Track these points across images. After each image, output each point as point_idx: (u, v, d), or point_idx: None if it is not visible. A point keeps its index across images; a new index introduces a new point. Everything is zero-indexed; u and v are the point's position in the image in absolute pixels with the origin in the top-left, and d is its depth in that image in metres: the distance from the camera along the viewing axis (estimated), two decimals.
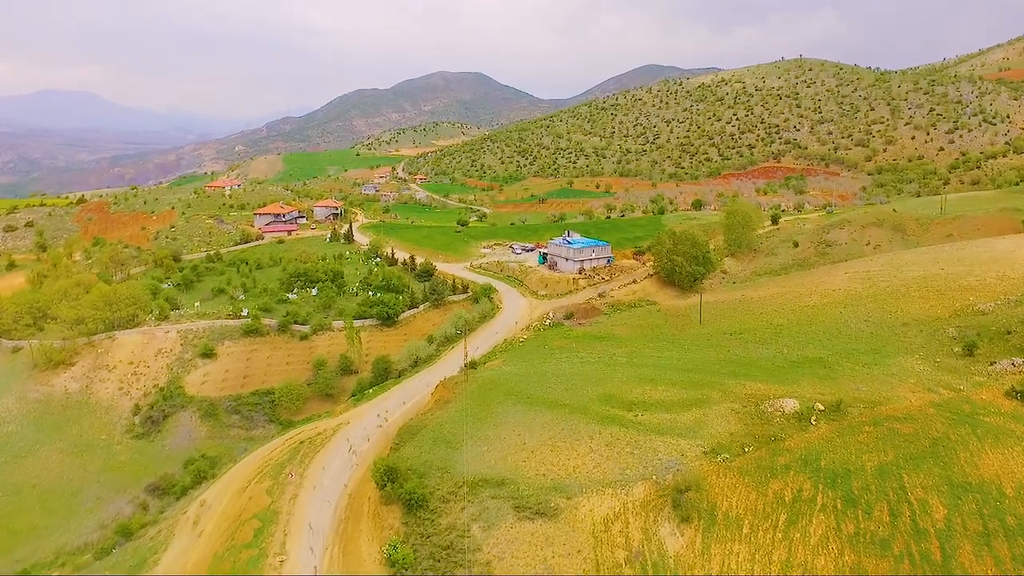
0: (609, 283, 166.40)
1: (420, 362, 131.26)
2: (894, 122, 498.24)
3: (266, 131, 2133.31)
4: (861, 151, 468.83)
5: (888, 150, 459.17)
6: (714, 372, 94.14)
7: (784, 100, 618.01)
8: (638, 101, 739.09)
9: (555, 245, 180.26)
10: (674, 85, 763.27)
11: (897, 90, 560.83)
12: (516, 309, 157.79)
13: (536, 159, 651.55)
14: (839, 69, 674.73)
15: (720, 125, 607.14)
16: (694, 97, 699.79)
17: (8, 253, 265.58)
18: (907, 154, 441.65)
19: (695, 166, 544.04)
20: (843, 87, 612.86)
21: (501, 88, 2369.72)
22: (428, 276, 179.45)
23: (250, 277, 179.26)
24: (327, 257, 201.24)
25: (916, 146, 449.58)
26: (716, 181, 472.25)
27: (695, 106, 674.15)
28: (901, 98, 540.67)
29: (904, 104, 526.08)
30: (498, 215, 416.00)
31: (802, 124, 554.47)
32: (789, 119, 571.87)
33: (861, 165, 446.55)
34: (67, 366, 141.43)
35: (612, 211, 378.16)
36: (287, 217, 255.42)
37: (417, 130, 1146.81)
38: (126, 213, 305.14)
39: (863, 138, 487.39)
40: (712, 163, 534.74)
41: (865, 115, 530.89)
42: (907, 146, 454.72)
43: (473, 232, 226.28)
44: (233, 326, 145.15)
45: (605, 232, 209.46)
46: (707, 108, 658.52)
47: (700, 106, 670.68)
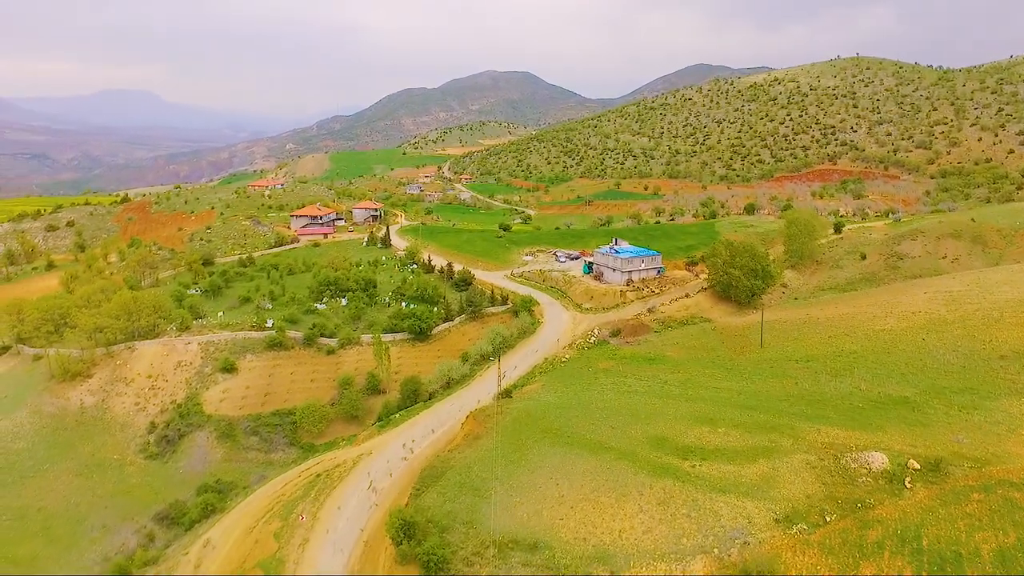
0: (659, 296, 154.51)
1: (452, 383, 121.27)
2: (959, 123, 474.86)
3: (316, 129, 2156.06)
4: (923, 153, 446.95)
5: (952, 152, 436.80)
6: (782, 411, 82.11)
7: (840, 100, 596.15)
8: (688, 101, 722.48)
9: (601, 254, 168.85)
10: (725, 84, 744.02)
11: (962, 89, 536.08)
12: (558, 324, 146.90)
13: (583, 159, 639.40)
14: (898, 68, 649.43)
15: (773, 126, 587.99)
16: (745, 97, 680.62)
17: (47, 253, 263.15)
18: (973, 157, 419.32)
19: (747, 168, 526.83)
20: (903, 86, 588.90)
21: (548, 87, 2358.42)
22: (466, 285, 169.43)
23: (280, 284, 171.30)
24: (362, 263, 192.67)
25: (983, 148, 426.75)
26: (769, 184, 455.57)
27: (747, 106, 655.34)
28: (966, 97, 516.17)
29: (970, 104, 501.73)
30: (543, 217, 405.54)
31: (859, 125, 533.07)
32: (846, 120, 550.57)
33: (923, 168, 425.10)
34: (84, 378, 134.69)
35: (661, 215, 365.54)
36: (324, 219, 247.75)
37: (464, 129, 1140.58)
38: (166, 213, 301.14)
39: (925, 140, 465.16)
40: (764, 165, 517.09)
41: (927, 115, 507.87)
42: (973, 148, 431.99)
43: (515, 238, 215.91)
44: (256, 338, 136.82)
45: (655, 239, 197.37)
46: (759, 108, 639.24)
47: (752, 106, 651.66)
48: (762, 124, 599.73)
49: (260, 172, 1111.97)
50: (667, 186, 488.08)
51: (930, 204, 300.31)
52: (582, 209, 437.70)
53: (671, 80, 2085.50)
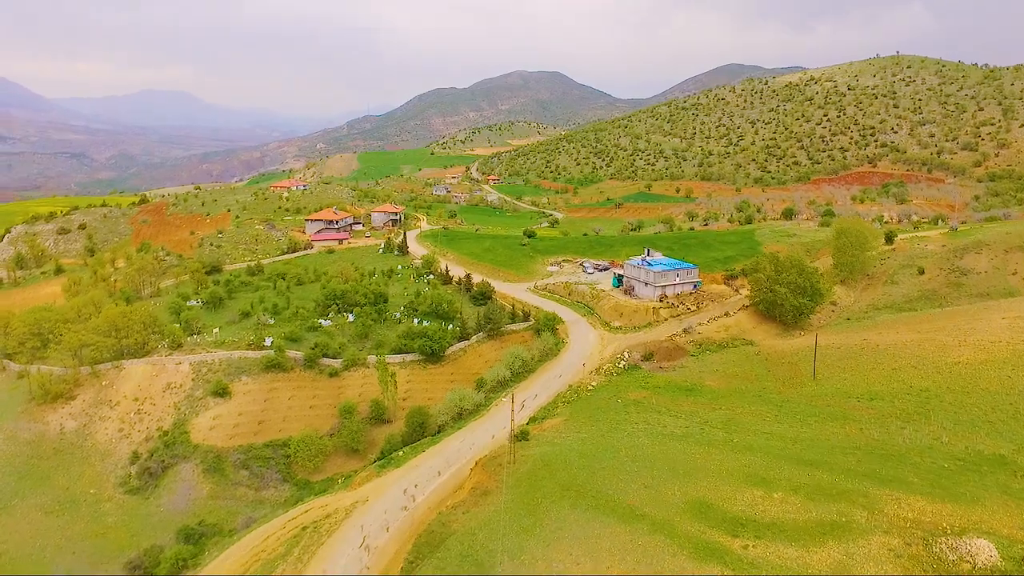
0: (696, 314, 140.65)
1: (465, 414, 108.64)
2: (1007, 123, 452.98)
3: (347, 129, 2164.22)
4: (969, 155, 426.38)
5: (1001, 154, 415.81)
6: (849, 469, 68.33)
7: (880, 100, 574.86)
8: (720, 101, 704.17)
9: (632, 266, 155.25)
10: (759, 84, 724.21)
11: (1010, 88, 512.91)
12: (585, 345, 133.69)
13: (613, 161, 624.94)
14: (941, 66, 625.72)
15: (809, 127, 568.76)
16: (780, 97, 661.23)
17: (56, 257, 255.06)
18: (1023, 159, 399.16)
19: (782, 170, 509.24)
20: (946, 85, 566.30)
21: (579, 87, 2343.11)
22: (485, 299, 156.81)
23: (285, 296, 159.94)
24: (375, 272, 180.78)
25: None
26: (806, 187, 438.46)
27: (782, 106, 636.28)
28: (1015, 96, 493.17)
29: (1019, 103, 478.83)
30: (571, 221, 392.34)
31: (900, 126, 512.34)
32: (886, 120, 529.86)
33: (969, 171, 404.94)
34: (66, 400, 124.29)
35: (694, 219, 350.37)
36: (340, 224, 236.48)
37: (492, 129, 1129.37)
38: (181, 215, 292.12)
39: (971, 141, 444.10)
40: (801, 167, 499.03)
41: (972, 116, 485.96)
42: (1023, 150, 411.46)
43: (539, 246, 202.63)
44: (253, 358, 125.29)
45: (690, 249, 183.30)
46: (795, 108, 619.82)
47: (787, 106, 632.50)
48: (798, 125, 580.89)
49: (289, 171, 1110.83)
50: (699, 188, 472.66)
51: (980, 209, 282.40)
52: (611, 212, 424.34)
53: (702, 80, 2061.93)
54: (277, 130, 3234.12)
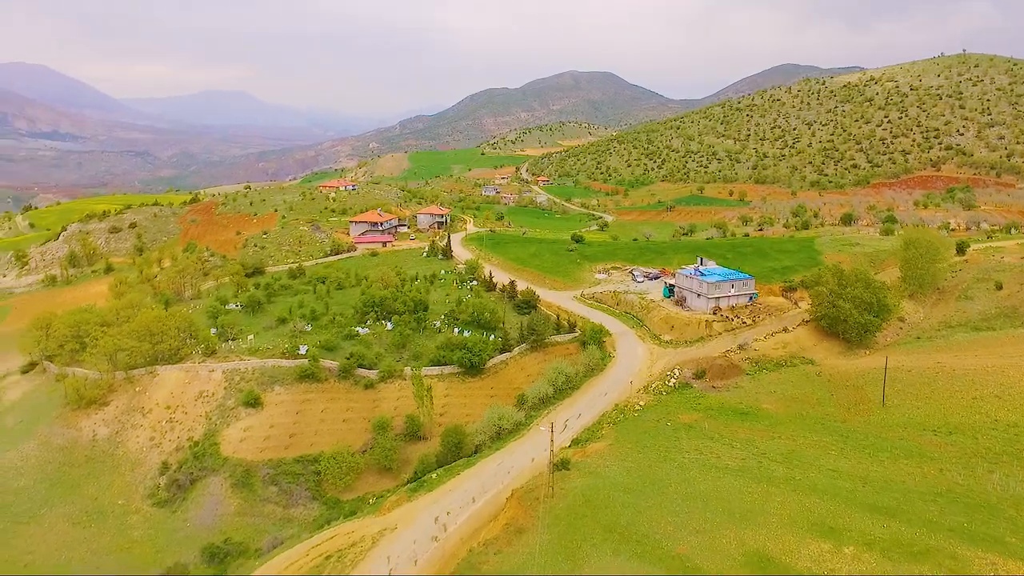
0: (752, 329, 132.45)
1: (504, 434, 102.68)
2: None
3: (399, 129, 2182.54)
4: None
5: None
6: (931, 521, 60.47)
7: (945, 100, 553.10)
8: (776, 102, 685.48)
9: (684, 276, 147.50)
10: (816, 85, 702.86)
11: None
12: (633, 359, 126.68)
13: (665, 162, 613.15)
14: (1012, 65, 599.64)
15: (869, 128, 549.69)
16: (839, 98, 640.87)
17: (107, 256, 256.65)
18: None
19: (840, 173, 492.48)
20: (1017, 85, 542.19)
21: (630, 88, 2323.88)
22: (529, 308, 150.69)
23: (325, 301, 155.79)
24: (418, 277, 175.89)
25: None
26: (865, 191, 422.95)
27: (840, 107, 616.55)
28: None
29: None
30: (620, 224, 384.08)
31: (967, 127, 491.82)
32: (951, 122, 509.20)
33: None
34: (100, 406, 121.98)
35: (748, 224, 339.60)
36: (384, 226, 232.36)
37: (543, 130, 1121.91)
38: (229, 215, 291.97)
39: None
40: (859, 170, 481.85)
41: None
42: None
43: (587, 252, 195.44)
44: (287, 368, 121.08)
45: (745, 258, 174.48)
46: (854, 109, 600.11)
47: (846, 107, 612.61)
48: (857, 126, 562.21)
49: (341, 170, 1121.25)
50: (753, 191, 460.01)
51: None
52: (662, 215, 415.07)
53: (756, 81, 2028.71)
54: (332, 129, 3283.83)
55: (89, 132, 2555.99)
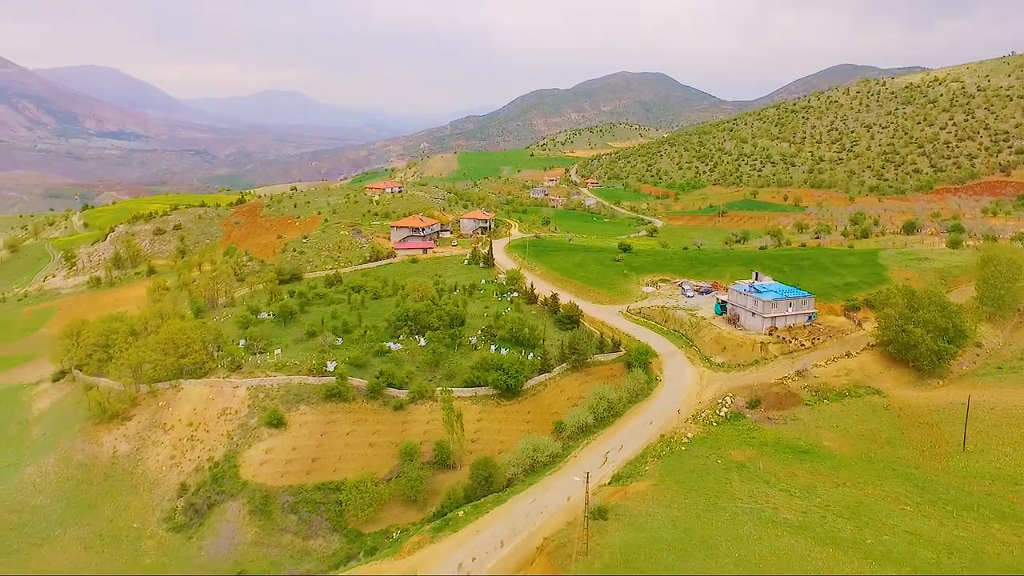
0: (811, 352, 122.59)
1: (538, 466, 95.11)
2: None
3: (450, 129, 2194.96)
4: None
5: None
6: None
7: (1016, 102, 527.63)
8: (833, 103, 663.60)
9: (738, 292, 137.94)
10: (876, 86, 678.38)
11: None
12: (681, 384, 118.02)
13: (717, 165, 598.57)
14: None
15: (932, 131, 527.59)
16: (900, 99, 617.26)
17: (150, 258, 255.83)
18: None
19: (901, 178, 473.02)
20: None
21: (682, 89, 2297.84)
22: (571, 324, 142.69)
23: (358, 312, 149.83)
24: (456, 287, 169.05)
25: None
26: (927, 197, 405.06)
27: (901, 109, 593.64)
28: None
29: None
30: (670, 230, 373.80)
31: None
32: (1023, 124, 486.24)
33: None
34: (123, 420, 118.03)
35: (804, 231, 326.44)
36: (426, 231, 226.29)
37: (593, 131, 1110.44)
38: (273, 217, 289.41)
39: None
40: (922, 175, 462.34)
41: None
42: None
43: (635, 262, 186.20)
44: (313, 385, 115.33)
45: (803, 272, 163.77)
46: (916, 111, 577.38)
47: (907, 109, 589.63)
48: (919, 129, 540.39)
49: (391, 170, 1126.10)
50: (809, 196, 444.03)
51: None
52: (714, 220, 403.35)
53: (812, 82, 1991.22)
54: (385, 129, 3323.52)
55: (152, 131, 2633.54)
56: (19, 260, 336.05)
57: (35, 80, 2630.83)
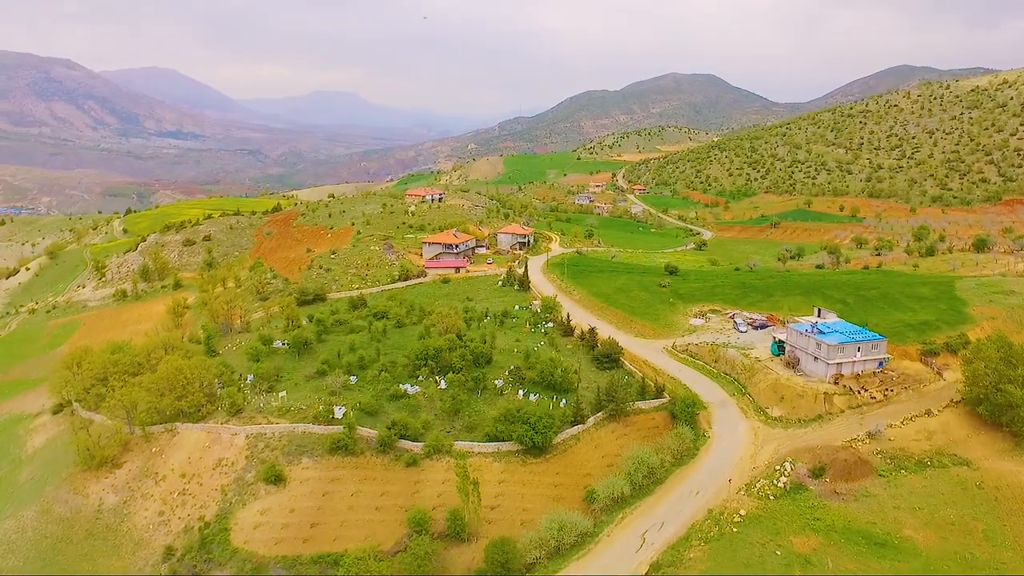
0: (883, 406, 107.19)
1: (564, 548, 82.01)
2: None
3: (498, 130, 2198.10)
4: None
5: None
6: None
7: None
8: (893, 107, 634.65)
9: (797, 332, 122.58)
10: (938, 89, 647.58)
11: None
12: (733, 442, 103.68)
13: (769, 172, 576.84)
14: None
15: (1001, 137, 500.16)
16: (965, 103, 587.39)
17: (176, 271, 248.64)
18: None
19: (966, 188, 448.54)
20: None
21: (733, 90, 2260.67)
22: (610, 363, 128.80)
23: (378, 343, 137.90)
24: (487, 314, 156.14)
25: None
26: (996, 209, 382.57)
27: (966, 114, 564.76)
28: None
29: None
30: (720, 242, 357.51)
31: None
32: None
33: None
34: (112, 467, 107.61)
35: (863, 246, 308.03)
36: (459, 248, 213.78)
37: (641, 134, 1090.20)
38: (306, 227, 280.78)
39: None
40: (989, 185, 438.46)
41: None
42: None
43: (682, 288, 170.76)
44: (318, 435, 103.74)
45: (870, 305, 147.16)
46: (983, 116, 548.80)
47: (973, 114, 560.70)
48: (986, 135, 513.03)
49: (437, 172, 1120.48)
50: (867, 207, 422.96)
51: None
52: (766, 232, 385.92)
53: (868, 84, 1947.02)
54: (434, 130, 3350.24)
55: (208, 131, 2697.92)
56: (58, 267, 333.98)
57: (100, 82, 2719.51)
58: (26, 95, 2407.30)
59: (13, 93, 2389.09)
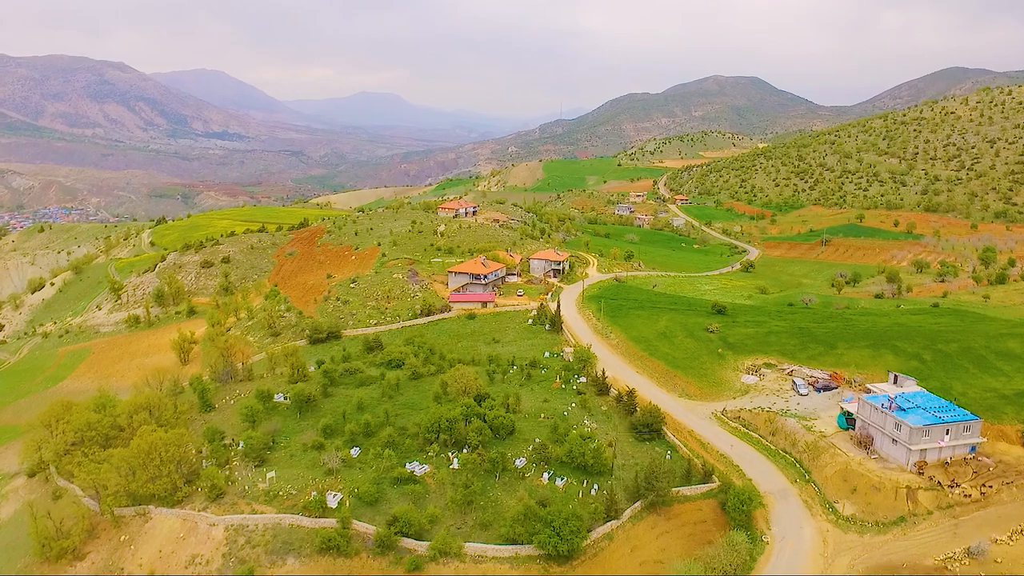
0: (982, 507, 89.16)
1: None
2: None
3: (539, 133, 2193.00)
4: None
5: None
6: None
7: None
8: (949, 115, 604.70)
9: (871, 406, 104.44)
10: (999, 95, 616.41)
11: None
12: (797, 553, 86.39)
13: (817, 183, 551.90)
14: None
15: None
16: None
17: (190, 297, 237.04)
18: None
19: None
20: None
21: (777, 93, 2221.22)
22: (651, 433, 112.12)
23: (386, 403, 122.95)
24: (513, 364, 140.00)
25: None
26: None
27: None
28: None
29: None
30: (768, 262, 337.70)
31: None
32: None
33: None
34: (73, 559, 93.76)
35: (923, 270, 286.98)
36: (488, 279, 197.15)
37: (684, 140, 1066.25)
38: (330, 247, 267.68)
39: None
40: None
41: None
42: None
43: (732, 336, 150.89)
44: (307, 529, 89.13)
45: (951, 363, 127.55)
46: None
47: None
48: None
49: (476, 178, 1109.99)
50: (924, 222, 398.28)
51: None
52: (816, 250, 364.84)
53: (918, 86, 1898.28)
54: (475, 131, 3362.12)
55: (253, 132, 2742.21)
56: (82, 283, 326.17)
57: (151, 84, 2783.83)
58: (81, 97, 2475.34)
59: (69, 95, 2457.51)
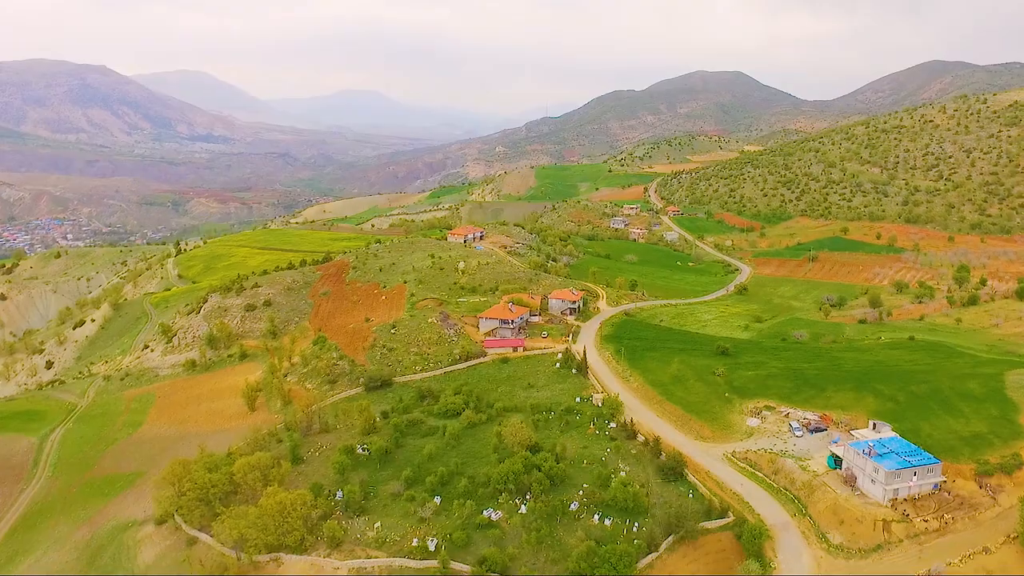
0: (941, 535, 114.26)
1: None
2: None
3: (525, 132, 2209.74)
4: None
5: None
6: None
7: None
8: (928, 123, 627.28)
9: (855, 452, 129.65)
10: (975, 103, 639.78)
11: None
12: None
13: (804, 193, 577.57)
14: None
15: None
16: (1003, 119, 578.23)
17: (240, 338, 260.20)
18: None
19: (1006, 214, 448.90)
20: None
21: (761, 88, 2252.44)
22: (675, 476, 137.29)
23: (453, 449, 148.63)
24: (551, 412, 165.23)
25: None
26: None
27: (1005, 131, 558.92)
28: None
29: None
30: (760, 282, 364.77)
31: None
32: None
33: None
34: None
35: (903, 291, 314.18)
36: (514, 323, 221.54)
37: (672, 144, 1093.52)
38: (359, 284, 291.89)
39: None
40: None
41: None
42: None
43: (737, 380, 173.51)
44: (414, 569, 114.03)
45: (921, 405, 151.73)
46: (1022, 134, 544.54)
47: (1012, 132, 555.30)
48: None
49: (469, 184, 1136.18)
50: (904, 234, 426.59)
51: None
52: (804, 267, 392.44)
53: (899, 80, 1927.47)
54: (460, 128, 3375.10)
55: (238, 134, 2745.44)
56: (120, 319, 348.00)
57: (133, 86, 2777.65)
58: (63, 102, 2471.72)
59: (51, 100, 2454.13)
